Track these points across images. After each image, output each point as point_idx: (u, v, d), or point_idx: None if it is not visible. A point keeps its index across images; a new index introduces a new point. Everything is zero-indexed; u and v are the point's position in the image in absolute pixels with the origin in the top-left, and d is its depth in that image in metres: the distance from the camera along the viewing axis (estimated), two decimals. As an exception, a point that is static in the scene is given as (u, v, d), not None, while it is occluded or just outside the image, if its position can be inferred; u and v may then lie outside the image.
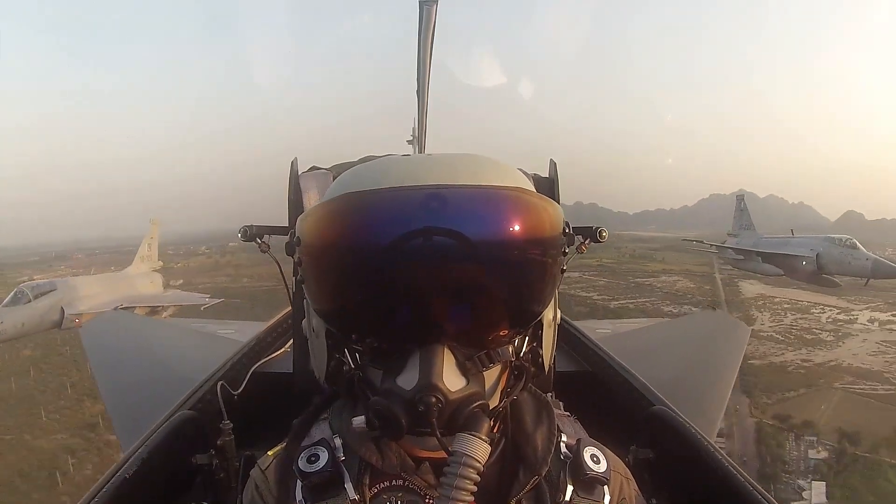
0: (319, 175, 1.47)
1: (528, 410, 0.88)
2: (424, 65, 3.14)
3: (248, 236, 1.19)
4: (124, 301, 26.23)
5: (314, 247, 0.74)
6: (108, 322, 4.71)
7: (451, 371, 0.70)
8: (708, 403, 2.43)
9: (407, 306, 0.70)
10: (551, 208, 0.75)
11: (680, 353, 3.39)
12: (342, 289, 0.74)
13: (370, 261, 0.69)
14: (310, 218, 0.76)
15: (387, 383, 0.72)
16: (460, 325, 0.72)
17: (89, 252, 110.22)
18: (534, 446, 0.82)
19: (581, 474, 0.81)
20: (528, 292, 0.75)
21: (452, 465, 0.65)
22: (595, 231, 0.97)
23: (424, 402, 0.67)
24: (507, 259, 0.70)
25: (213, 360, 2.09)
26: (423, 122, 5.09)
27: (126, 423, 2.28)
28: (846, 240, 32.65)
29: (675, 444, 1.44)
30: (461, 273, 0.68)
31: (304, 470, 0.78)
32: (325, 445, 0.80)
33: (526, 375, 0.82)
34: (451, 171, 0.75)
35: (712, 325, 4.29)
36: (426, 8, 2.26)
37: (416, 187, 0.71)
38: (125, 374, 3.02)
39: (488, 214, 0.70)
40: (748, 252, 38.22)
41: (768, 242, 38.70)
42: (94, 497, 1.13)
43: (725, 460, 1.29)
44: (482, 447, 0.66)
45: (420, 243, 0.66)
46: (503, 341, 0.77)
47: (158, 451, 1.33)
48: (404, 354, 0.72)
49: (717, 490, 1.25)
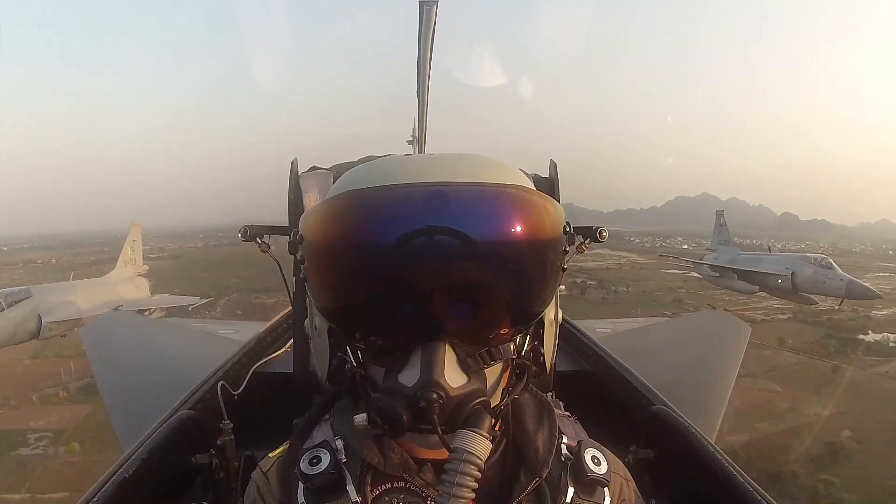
0: (319, 175, 1.47)
1: (529, 412, 0.88)
2: (424, 65, 3.14)
3: (248, 236, 1.19)
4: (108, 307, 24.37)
5: (317, 244, 0.75)
6: (108, 322, 4.70)
7: (453, 368, 0.70)
8: (708, 403, 2.43)
9: (409, 304, 0.71)
10: (553, 207, 0.75)
11: (680, 353, 3.39)
12: (344, 286, 0.74)
13: (373, 258, 0.69)
14: (313, 216, 0.76)
15: (389, 381, 0.72)
16: (462, 323, 0.72)
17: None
18: (535, 448, 0.82)
19: (582, 476, 0.81)
20: (530, 290, 0.75)
21: (454, 461, 0.65)
22: (595, 231, 0.97)
23: (426, 398, 0.67)
24: (509, 257, 0.70)
25: (213, 360, 2.09)
26: (423, 122, 5.09)
27: (126, 423, 2.28)
28: (821, 259, 33.00)
29: (675, 444, 1.44)
30: (463, 271, 0.68)
31: (306, 472, 0.78)
32: (327, 447, 0.80)
33: (527, 374, 0.82)
34: (453, 169, 0.75)
35: (712, 324, 4.28)
36: (426, 8, 2.26)
37: (419, 185, 0.71)
38: (125, 374, 3.02)
39: (491, 213, 0.70)
40: (724, 269, 38.69)
41: (745, 259, 39.02)
42: (94, 497, 1.13)
43: (725, 460, 1.29)
44: (483, 444, 0.66)
45: (423, 241, 0.67)
46: (505, 339, 0.77)
47: (158, 451, 1.33)
48: (406, 352, 0.72)
49: (717, 490, 1.25)
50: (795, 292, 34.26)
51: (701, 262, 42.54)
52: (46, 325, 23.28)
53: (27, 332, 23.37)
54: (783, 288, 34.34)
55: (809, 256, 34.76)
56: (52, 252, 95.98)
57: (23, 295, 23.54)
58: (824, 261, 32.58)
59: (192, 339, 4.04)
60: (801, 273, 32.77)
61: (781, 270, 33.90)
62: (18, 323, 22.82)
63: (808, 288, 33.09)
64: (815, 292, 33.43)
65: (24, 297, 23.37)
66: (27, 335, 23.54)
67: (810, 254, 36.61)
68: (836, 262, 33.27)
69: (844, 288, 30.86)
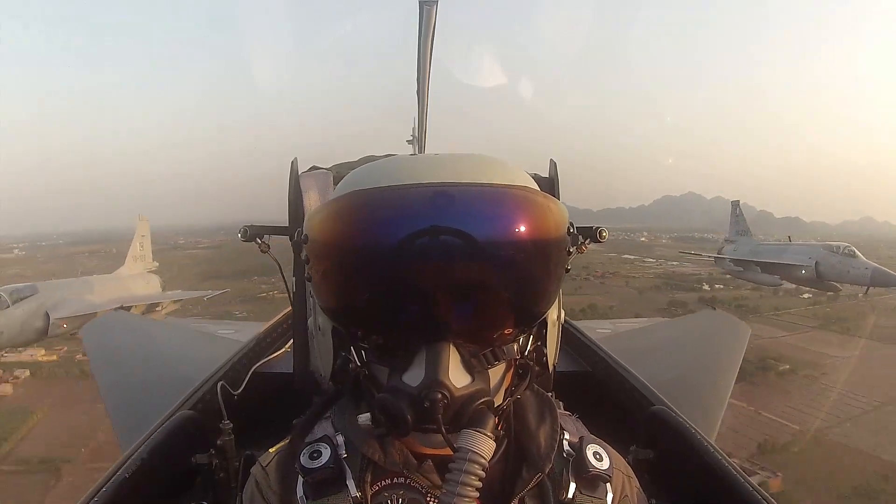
0: (319, 175, 1.47)
1: (531, 408, 0.88)
2: (424, 65, 3.14)
3: (248, 236, 1.19)
4: (118, 303, 22.74)
5: (322, 244, 0.75)
6: (108, 322, 4.70)
7: (457, 368, 0.70)
8: (708, 403, 2.43)
9: (414, 304, 0.71)
10: (556, 208, 0.75)
11: (680, 353, 3.38)
12: (349, 286, 0.74)
13: (378, 258, 0.69)
14: (318, 216, 0.76)
15: (393, 380, 0.72)
16: (466, 323, 0.72)
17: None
18: (537, 444, 0.82)
19: (584, 471, 0.82)
20: (534, 291, 0.75)
21: (458, 460, 0.65)
22: (595, 231, 0.97)
23: (430, 398, 0.67)
24: (514, 258, 0.70)
25: (213, 360, 2.09)
26: (423, 122, 5.10)
27: (126, 423, 2.27)
28: (844, 248, 32.53)
29: (675, 444, 1.44)
30: (468, 271, 0.69)
31: (306, 466, 0.78)
32: (328, 442, 0.80)
33: (530, 374, 0.83)
34: (457, 169, 0.75)
35: (712, 324, 4.28)
36: (426, 8, 2.26)
37: (424, 185, 0.71)
38: (125, 374, 3.01)
39: (495, 213, 0.70)
40: (747, 262, 38.08)
41: (766, 250, 38.55)
42: (94, 497, 1.13)
43: (725, 460, 1.29)
44: (487, 444, 0.66)
45: (427, 241, 0.67)
46: (508, 339, 0.77)
47: (158, 451, 1.33)
48: (410, 352, 0.72)
49: (716, 490, 1.25)
50: (820, 281, 34.00)
51: (722, 257, 41.55)
52: (55, 322, 22.21)
53: (34, 330, 22.40)
54: (807, 278, 34.13)
55: (832, 245, 34.12)
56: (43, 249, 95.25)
57: (28, 292, 22.51)
58: (847, 249, 32.11)
59: (192, 339, 4.04)
60: (826, 262, 32.47)
61: (805, 261, 33.56)
62: (25, 320, 21.88)
63: (833, 277, 32.76)
64: (840, 281, 33.09)
65: (30, 294, 22.39)
66: (35, 333, 22.56)
67: (832, 242, 35.62)
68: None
69: (870, 276, 30.55)
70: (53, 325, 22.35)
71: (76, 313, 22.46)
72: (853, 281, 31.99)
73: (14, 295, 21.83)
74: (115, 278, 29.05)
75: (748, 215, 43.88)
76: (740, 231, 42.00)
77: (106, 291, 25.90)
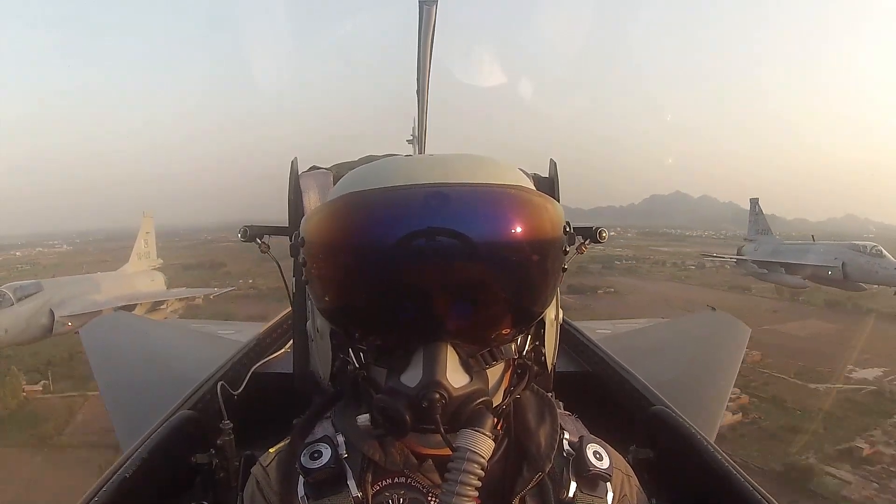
0: (319, 175, 1.47)
1: (530, 408, 0.88)
2: (424, 65, 3.15)
3: (248, 237, 1.19)
4: (123, 300, 23.23)
5: (318, 246, 0.75)
6: (108, 323, 4.70)
7: (455, 368, 0.71)
8: (708, 403, 2.43)
9: (411, 304, 0.71)
10: (553, 207, 0.75)
11: (680, 353, 3.38)
12: (346, 288, 0.75)
13: (374, 259, 0.69)
14: (314, 218, 0.76)
15: (391, 381, 0.72)
16: (463, 323, 0.72)
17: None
18: (537, 443, 0.82)
19: (584, 471, 0.82)
20: (531, 291, 0.75)
21: (457, 460, 0.65)
22: (595, 231, 0.97)
23: (428, 398, 0.67)
24: (510, 257, 0.71)
25: (213, 360, 2.09)
26: (423, 122, 5.10)
27: (126, 423, 2.27)
28: (871, 248, 31.72)
29: (675, 444, 1.44)
30: (464, 271, 0.69)
31: (307, 466, 0.78)
32: (328, 442, 0.80)
33: (529, 374, 0.83)
34: (453, 170, 0.75)
35: (712, 325, 4.27)
36: (426, 8, 2.26)
37: (419, 186, 0.71)
38: (125, 374, 3.01)
39: (491, 213, 0.70)
40: (771, 263, 37.01)
41: (789, 250, 37.44)
42: (94, 497, 1.13)
43: (725, 460, 1.29)
44: (486, 443, 0.66)
45: (424, 242, 0.67)
46: (506, 339, 0.77)
47: (158, 451, 1.33)
48: (408, 353, 0.72)
49: (717, 490, 1.25)
50: (847, 282, 33.30)
51: (744, 258, 40.24)
52: (60, 320, 22.18)
53: (39, 328, 22.31)
54: (833, 278, 33.35)
55: (858, 245, 33.36)
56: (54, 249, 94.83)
57: (33, 289, 22.53)
58: (874, 249, 31.48)
59: (192, 340, 4.03)
60: (853, 263, 31.77)
61: (830, 261, 32.85)
62: (29, 318, 21.79)
63: (861, 277, 32.13)
64: (868, 281, 32.47)
65: (35, 292, 22.36)
66: (40, 330, 22.43)
67: (858, 242, 34.85)
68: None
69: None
70: (58, 323, 22.15)
71: (81, 311, 22.28)
72: (882, 282, 31.32)
73: (18, 292, 21.78)
74: (119, 275, 28.89)
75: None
76: (760, 230, 40.73)
77: (110, 289, 25.77)
